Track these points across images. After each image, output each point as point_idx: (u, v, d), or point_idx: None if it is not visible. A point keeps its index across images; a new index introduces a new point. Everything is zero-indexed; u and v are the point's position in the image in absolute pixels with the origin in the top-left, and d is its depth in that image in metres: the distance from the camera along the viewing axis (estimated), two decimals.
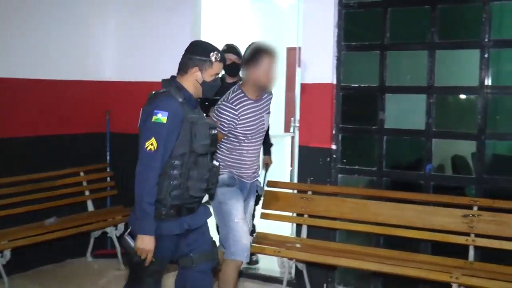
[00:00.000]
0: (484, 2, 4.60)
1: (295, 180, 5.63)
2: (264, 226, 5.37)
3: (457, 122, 5.19)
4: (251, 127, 4.10)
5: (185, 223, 3.38)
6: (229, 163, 4.14)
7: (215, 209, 4.13)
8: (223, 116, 3.98)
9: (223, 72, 4.86)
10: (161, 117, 3.18)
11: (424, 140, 4.90)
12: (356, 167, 5.23)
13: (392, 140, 5.10)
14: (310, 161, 5.28)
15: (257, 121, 4.13)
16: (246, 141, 4.12)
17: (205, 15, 6.26)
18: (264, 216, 5.29)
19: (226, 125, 3.99)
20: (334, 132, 5.21)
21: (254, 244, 4.84)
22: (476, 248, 4.47)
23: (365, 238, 5.19)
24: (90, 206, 6.04)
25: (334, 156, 5.22)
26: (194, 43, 3.53)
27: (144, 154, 3.18)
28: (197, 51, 3.41)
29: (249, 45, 4.20)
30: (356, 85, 5.22)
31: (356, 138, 5.33)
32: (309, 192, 5.18)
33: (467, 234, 4.47)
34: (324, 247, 4.93)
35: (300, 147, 5.41)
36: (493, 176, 4.70)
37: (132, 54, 6.28)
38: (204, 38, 6.08)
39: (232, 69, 5.35)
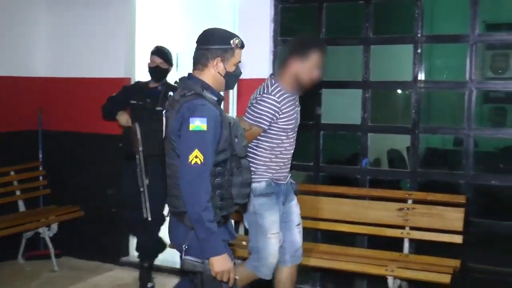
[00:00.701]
0: None
1: None
2: None
3: (392, 116, 5.26)
4: (291, 122, 3.78)
5: (232, 230, 3.09)
6: (270, 164, 3.75)
7: (248, 219, 3.79)
8: (265, 109, 3.62)
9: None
10: (200, 124, 2.75)
11: (360, 134, 4.93)
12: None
13: (329, 135, 5.12)
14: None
15: (295, 116, 3.82)
16: (286, 137, 3.79)
17: (140, 11, 6.13)
18: None
19: (268, 120, 3.63)
20: None
21: None
22: (411, 240, 4.54)
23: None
24: (22, 206, 5.83)
25: None
26: (209, 32, 3.05)
27: (189, 169, 2.75)
28: (216, 40, 2.97)
29: (297, 35, 3.97)
30: None
31: None
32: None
33: (402, 227, 4.52)
34: None
35: None
36: (426, 170, 4.77)
37: (65, 50, 6.07)
38: (139, 35, 6.00)
39: (155, 73, 4.96)
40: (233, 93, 5.43)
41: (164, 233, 5.00)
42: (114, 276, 5.59)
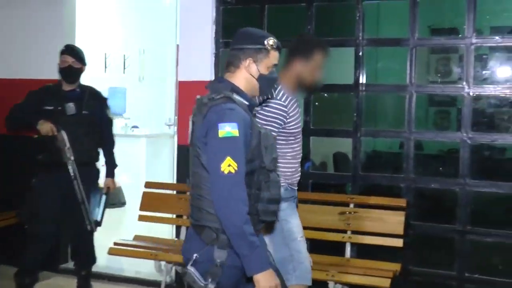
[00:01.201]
0: (358, 0, 4.65)
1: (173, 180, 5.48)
2: (143, 229, 5.20)
3: (335, 120, 5.24)
4: (298, 125, 3.63)
5: None
6: (283, 169, 3.53)
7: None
8: (273, 115, 3.42)
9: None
10: (231, 130, 2.51)
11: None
12: None
13: None
14: (189, 161, 5.12)
15: (299, 117, 3.67)
16: (294, 141, 3.61)
17: (80, 12, 5.98)
18: (142, 218, 5.12)
19: (277, 126, 3.43)
20: None
21: (130, 248, 4.70)
22: (353, 244, 4.52)
23: None
24: None
25: None
26: (242, 31, 2.84)
27: (223, 180, 2.49)
28: (248, 39, 2.76)
29: (300, 35, 3.77)
30: None
31: None
32: (188, 193, 5.03)
33: (344, 231, 4.50)
34: None
35: (179, 147, 5.25)
36: (368, 173, 4.77)
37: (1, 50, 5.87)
38: (79, 36, 5.85)
39: (67, 74, 4.62)
40: (172, 96, 5.34)
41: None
42: (53, 284, 5.43)
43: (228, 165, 2.48)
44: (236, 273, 2.65)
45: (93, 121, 4.67)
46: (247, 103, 2.71)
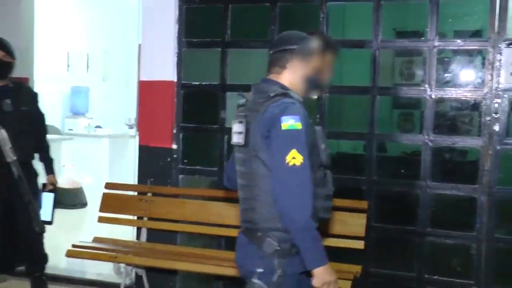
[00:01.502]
0: (322, 1, 4.63)
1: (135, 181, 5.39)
2: (105, 231, 5.11)
3: None
4: None
5: None
6: None
7: None
8: None
9: None
10: (295, 122, 2.45)
11: None
12: (198, 167, 5.10)
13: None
14: (150, 162, 5.08)
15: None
16: None
17: (40, 9, 5.86)
18: (102, 220, 5.03)
19: None
20: (175, 131, 5.04)
21: (88, 250, 4.61)
22: None
23: (207, 240, 5.07)
24: None
25: (175, 156, 5.05)
26: (288, 32, 2.81)
27: (288, 172, 2.44)
28: (296, 40, 2.71)
29: (311, 33, 3.59)
30: (197, 83, 5.08)
31: (197, 137, 5.19)
32: (149, 194, 4.98)
33: None
34: (165, 251, 4.75)
35: (140, 147, 5.17)
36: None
37: None
38: (39, 34, 5.74)
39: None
40: (133, 95, 5.26)
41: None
42: (8, 287, 5.30)
43: (293, 158, 2.43)
44: (297, 279, 2.62)
45: (32, 117, 4.57)
46: (301, 99, 2.69)
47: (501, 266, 4.30)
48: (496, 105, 4.23)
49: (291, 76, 2.70)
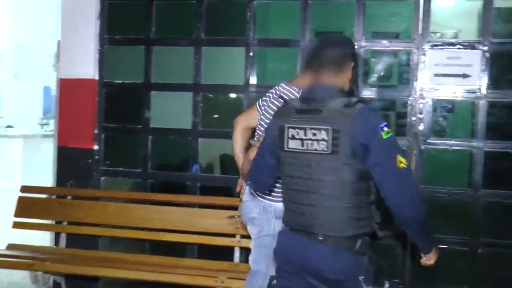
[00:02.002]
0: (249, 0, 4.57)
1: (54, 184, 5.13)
2: (17, 237, 4.83)
3: (224, 121, 5.12)
4: None
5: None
6: None
7: (262, 241, 3.27)
8: None
9: None
10: (388, 129, 2.51)
11: (191, 139, 4.74)
12: (120, 168, 4.92)
13: (158, 140, 4.88)
14: (69, 163, 4.85)
15: None
16: None
17: None
18: (17, 225, 4.75)
19: None
20: (96, 131, 4.85)
21: (2, 258, 4.33)
22: (242, 249, 4.42)
23: (130, 244, 4.89)
24: None
25: (97, 157, 4.85)
26: (339, 35, 2.91)
27: (403, 176, 2.51)
28: (351, 43, 2.76)
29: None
30: (120, 82, 4.90)
31: (120, 138, 5.00)
32: (69, 197, 4.75)
33: (233, 236, 4.38)
34: (86, 257, 4.54)
35: (59, 148, 4.93)
36: None
37: None
38: None
39: None
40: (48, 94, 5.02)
41: None
42: None
43: (400, 162, 2.51)
44: None
45: None
46: None
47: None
48: (421, 105, 4.29)
49: (343, 79, 2.68)
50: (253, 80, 4.60)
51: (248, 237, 4.33)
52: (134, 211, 4.63)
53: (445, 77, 4.26)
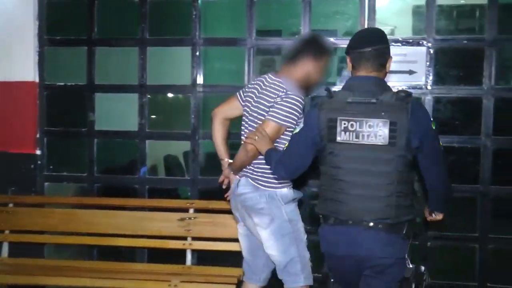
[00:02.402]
0: None
1: None
2: None
3: (172, 122, 5.06)
4: None
5: None
6: None
7: (279, 230, 3.31)
8: (295, 108, 3.21)
9: None
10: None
11: (138, 142, 4.65)
12: (65, 173, 4.78)
13: (104, 143, 4.76)
14: (10, 169, 4.67)
15: None
16: None
17: None
18: None
19: (294, 122, 3.22)
20: (38, 136, 4.69)
21: None
22: (194, 251, 4.37)
23: (78, 250, 4.76)
24: None
25: (39, 162, 4.70)
26: (375, 29, 3.10)
27: (443, 155, 2.87)
28: (386, 38, 2.87)
29: (312, 35, 3.52)
30: (62, 84, 4.75)
31: (63, 142, 4.87)
32: (11, 205, 4.57)
33: (185, 238, 4.32)
34: (30, 266, 4.37)
35: None
36: (208, 177, 4.64)
37: None
38: None
39: None
40: None
41: None
42: None
43: (443, 146, 2.87)
44: None
45: None
46: None
47: None
48: None
49: (385, 72, 2.87)
50: (200, 79, 4.54)
51: (201, 239, 4.31)
52: (81, 217, 4.49)
53: (392, 73, 4.32)
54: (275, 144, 3.22)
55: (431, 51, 4.24)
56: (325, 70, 3.43)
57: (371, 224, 2.71)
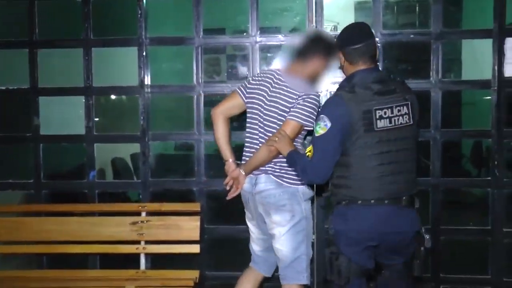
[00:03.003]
0: None
1: None
2: None
3: (120, 124, 4.95)
4: None
5: None
6: None
7: (296, 227, 3.39)
8: (315, 107, 3.35)
9: None
10: None
11: (86, 145, 4.52)
12: (10, 180, 4.61)
13: (50, 148, 4.61)
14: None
15: None
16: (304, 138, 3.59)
17: None
18: None
19: (314, 120, 3.30)
20: None
21: None
22: (148, 255, 4.30)
23: (27, 260, 4.62)
24: None
25: None
26: (362, 23, 3.27)
27: None
28: (372, 32, 3.20)
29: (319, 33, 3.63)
30: (4, 88, 4.58)
31: (8, 147, 4.71)
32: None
33: (138, 242, 4.23)
34: None
35: None
36: (159, 179, 4.56)
37: None
38: None
39: None
40: None
41: None
42: None
43: None
44: None
45: None
46: None
47: None
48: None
49: (376, 64, 3.13)
50: (148, 80, 4.45)
51: (154, 242, 4.23)
52: (29, 225, 4.33)
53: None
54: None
55: (379, 45, 4.27)
56: (332, 65, 3.48)
57: (403, 201, 3.01)
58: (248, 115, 3.53)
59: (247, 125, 3.54)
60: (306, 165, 3.08)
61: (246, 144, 3.56)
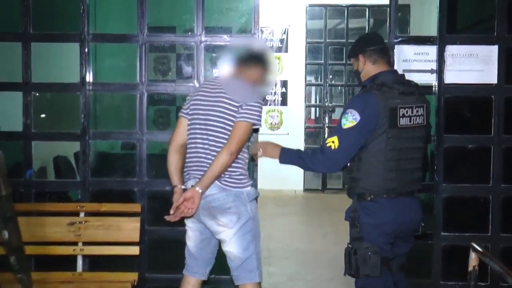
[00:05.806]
0: None
1: None
2: None
3: (60, 121, 4.82)
4: None
5: None
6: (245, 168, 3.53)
7: (243, 228, 3.39)
8: (261, 109, 3.41)
9: None
10: None
11: (23, 143, 4.38)
12: None
13: None
14: None
15: None
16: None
17: None
18: None
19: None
20: None
21: None
22: (85, 257, 4.19)
23: None
24: None
25: None
26: (374, 32, 3.44)
27: None
28: None
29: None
30: None
31: None
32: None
33: (75, 243, 4.12)
34: None
35: None
36: (99, 178, 4.46)
37: None
38: None
39: None
40: None
41: None
42: None
43: None
44: None
45: None
46: None
47: None
48: None
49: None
50: (89, 77, 4.34)
51: (93, 243, 4.12)
52: None
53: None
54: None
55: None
56: (274, 71, 3.55)
57: (416, 193, 3.31)
58: (189, 127, 3.45)
59: (188, 137, 3.47)
60: (324, 155, 3.22)
61: (189, 155, 3.47)
